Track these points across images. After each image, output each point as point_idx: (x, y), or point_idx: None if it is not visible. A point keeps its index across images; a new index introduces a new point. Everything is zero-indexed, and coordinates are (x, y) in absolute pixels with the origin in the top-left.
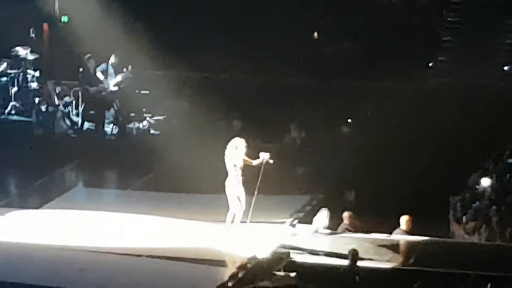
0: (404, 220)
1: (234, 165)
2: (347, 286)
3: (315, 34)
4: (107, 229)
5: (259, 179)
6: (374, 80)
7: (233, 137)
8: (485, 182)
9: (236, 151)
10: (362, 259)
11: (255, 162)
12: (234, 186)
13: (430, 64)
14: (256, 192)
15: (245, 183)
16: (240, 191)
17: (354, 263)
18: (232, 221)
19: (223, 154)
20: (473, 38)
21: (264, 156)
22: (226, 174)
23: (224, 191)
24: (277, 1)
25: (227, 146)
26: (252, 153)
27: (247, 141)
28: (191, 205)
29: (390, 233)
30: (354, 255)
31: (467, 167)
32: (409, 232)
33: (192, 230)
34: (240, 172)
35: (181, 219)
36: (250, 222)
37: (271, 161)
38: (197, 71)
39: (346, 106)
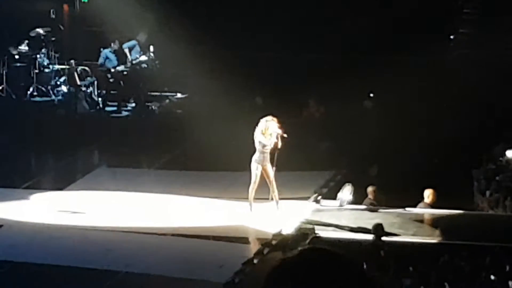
0: (427, 193)
1: (259, 142)
2: (372, 260)
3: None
4: (131, 209)
5: (276, 155)
6: (394, 54)
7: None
8: (509, 153)
9: (263, 128)
10: (387, 233)
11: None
12: (259, 163)
13: (452, 37)
14: (274, 168)
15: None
16: (267, 168)
17: (378, 238)
18: (272, 199)
19: (245, 131)
20: (494, 9)
21: (278, 132)
22: (249, 151)
23: (248, 168)
24: None
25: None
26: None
27: (278, 119)
28: (216, 183)
29: (414, 206)
30: (378, 230)
31: (490, 139)
32: (432, 205)
33: (216, 208)
34: (266, 149)
35: (206, 197)
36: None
37: (285, 135)
38: (217, 48)
39: (367, 80)
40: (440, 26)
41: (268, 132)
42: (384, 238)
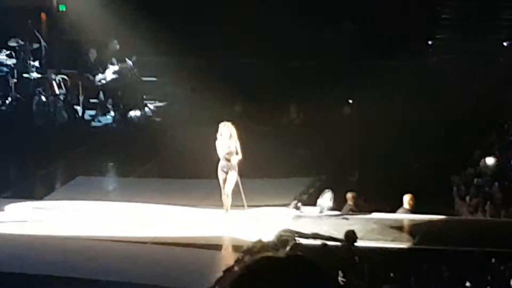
0: (407, 198)
1: (222, 150)
2: (348, 267)
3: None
4: (111, 218)
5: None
6: (373, 59)
7: (234, 121)
8: (488, 159)
9: (221, 136)
10: (358, 239)
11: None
12: (225, 170)
13: (430, 42)
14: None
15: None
16: (230, 175)
17: (351, 244)
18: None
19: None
20: (472, 14)
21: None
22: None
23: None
24: None
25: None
26: (253, 135)
27: (234, 124)
28: (194, 191)
29: (394, 212)
30: (350, 236)
31: (469, 144)
32: (412, 211)
33: (196, 216)
34: (229, 156)
35: (184, 205)
36: (255, 206)
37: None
38: (196, 55)
39: (347, 86)
40: (418, 31)
41: (223, 138)
42: (362, 244)
